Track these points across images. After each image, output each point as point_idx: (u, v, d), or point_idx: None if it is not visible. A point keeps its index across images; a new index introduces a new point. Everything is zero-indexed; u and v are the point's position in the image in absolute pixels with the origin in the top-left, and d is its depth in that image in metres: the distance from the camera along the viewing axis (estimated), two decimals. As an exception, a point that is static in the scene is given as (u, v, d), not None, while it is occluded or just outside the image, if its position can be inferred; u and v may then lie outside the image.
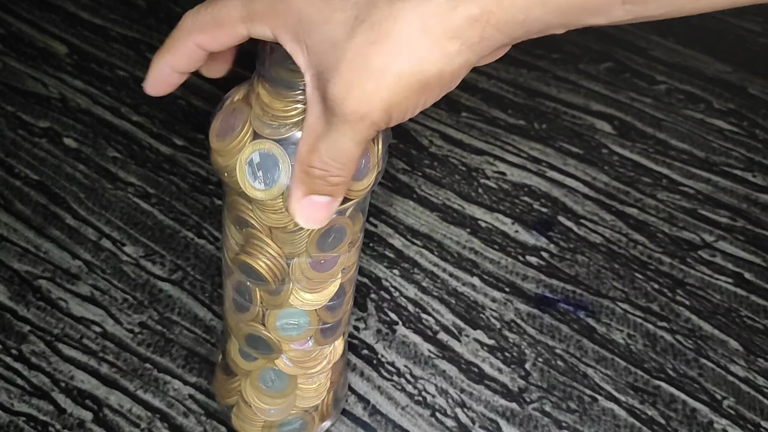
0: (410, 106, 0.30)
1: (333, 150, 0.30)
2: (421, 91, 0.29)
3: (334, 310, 0.39)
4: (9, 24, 0.70)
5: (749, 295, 0.52)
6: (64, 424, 0.47)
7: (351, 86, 0.28)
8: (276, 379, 0.41)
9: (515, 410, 0.48)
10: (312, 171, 0.31)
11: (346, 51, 0.28)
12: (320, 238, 0.35)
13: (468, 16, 0.28)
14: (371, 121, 0.29)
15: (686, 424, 0.47)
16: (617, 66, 0.65)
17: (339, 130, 0.30)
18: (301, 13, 0.29)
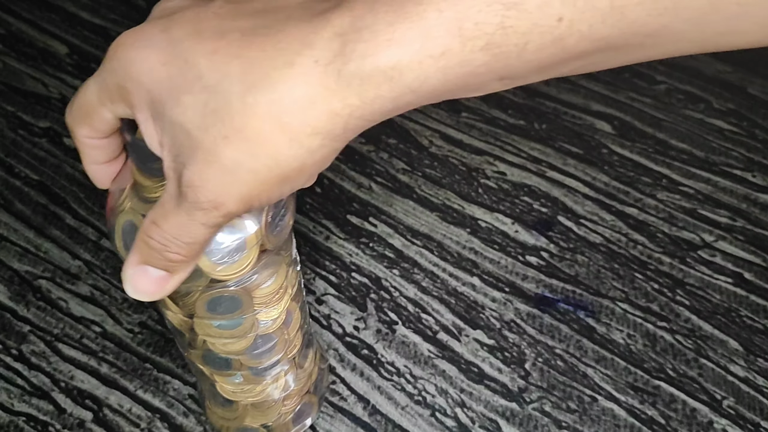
0: (272, 195, 0.28)
1: (177, 229, 0.29)
2: (282, 183, 0.28)
3: (259, 357, 0.39)
4: (9, 24, 0.70)
5: (749, 295, 0.52)
6: (64, 424, 0.47)
7: (206, 177, 0.27)
8: (223, 399, 0.42)
9: (515, 410, 0.48)
10: (150, 242, 0.30)
11: (199, 141, 0.27)
12: (208, 305, 0.35)
13: (329, 111, 0.26)
14: (227, 211, 0.28)
15: (686, 424, 0.47)
16: (617, 66, 0.65)
17: (190, 213, 0.28)
18: (151, 93, 0.28)
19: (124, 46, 0.28)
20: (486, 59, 0.25)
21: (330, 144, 0.27)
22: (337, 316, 0.52)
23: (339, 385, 0.49)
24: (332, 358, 0.50)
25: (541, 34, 0.25)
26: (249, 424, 0.44)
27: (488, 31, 0.25)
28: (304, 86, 0.26)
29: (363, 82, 0.26)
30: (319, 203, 0.58)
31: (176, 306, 0.36)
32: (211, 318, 0.35)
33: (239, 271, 0.33)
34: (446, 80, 0.26)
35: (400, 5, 0.25)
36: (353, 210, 0.58)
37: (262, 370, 0.40)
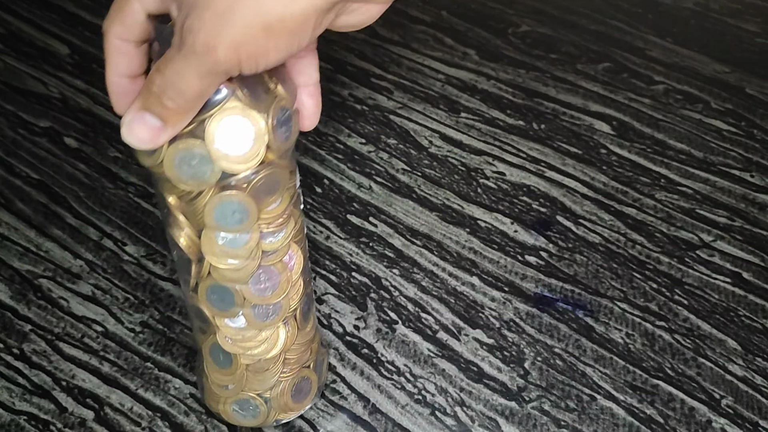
0: (259, 49, 0.31)
1: (175, 76, 0.32)
2: (266, 34, 0.30)
3: (263, 293, 0.40)
4: (9, 24, 0.70)
5: (747, 295, 0.52)
6: (65, 423, 0.48)
7: (201, 21, 0.30)
8: (222, 356, 0.42)
9: (514, 409, 0.48)
10: (152, 87, 0.32)
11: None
12: (216, 211, 0.36)
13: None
14: (217, 57, 0.30)
15: (684, 423, 0.47)
16: (615, 66, 0.65)
17: (186, 59, 0.31)
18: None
19: None
20: None
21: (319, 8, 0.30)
22: (338, 315, 0.52)
23: (339, 384, 0.49)
24: (332, 357, 0.50)
25: None
26: (247, 393, 0.44)
27: None
28: None
29: None
30: (319, 203, 0.58)
31: (187, 221, 0.37)
32: (218, 228, 0.36)
33: (246, 163, 0.35)
34: None
35: None
36: (353, 210, 0.58)
37: (263, 314, 0.40)
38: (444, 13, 0.71)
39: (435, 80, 0.65)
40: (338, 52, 0.68)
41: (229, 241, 0.37)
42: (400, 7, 0.71)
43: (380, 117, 0.63)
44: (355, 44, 0.68)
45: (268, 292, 0.39)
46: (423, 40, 0.69)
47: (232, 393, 0.44)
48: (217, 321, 0.40)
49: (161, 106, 0.33)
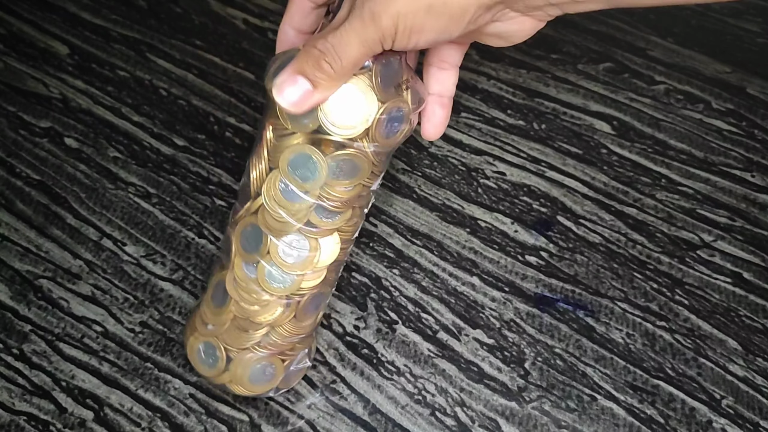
0: (416, 25, 0.33)
1: (336, 38, 0.34)
2: (427, 12, 0.32)
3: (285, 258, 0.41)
4: (10, 24, 0.70)
5: (748, 295, 0.52)
6: (65, 423, 0.48)
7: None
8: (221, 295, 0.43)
9: (515, 409, 0.48)
10: (311, 50, 0.35)
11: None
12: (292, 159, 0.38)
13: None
14: (379, 25, 0.33)
15: (685, 423, 0.47)
16: (616, 66, 0.65)
17: (352, 24, 0.33)
18: None
19: None
20: None
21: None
22: (338, 315, 0.52)
23: (339, 384, 0.49)
24: (332, 357, 0.50)
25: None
26: (218, 341, 0.44)
27: None
28: None
29: None
30: None
31: (267, 157, 0.39)
32: (285, 174, 0.38)
33: (341, 131, 0.37)
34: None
35: None
36: (353, 210, 0.58)
37: (274, 278, 0.41)
38: (444, 13, 0.71)
39: (435, 80, 0.65)
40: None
41: (286, 192, 0.38)
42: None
43: (380, 117, 0.63)
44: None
45: (290, 259, 0.40)
46: (423, 40, 0.69)
47: (207, 333, 0.44)
48: (235, 259, 0.41)
49: (318, 69, 0.35)
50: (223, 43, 0.67)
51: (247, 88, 0.64)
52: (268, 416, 0.48)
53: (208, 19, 0.69)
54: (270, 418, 0.48)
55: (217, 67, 0.66)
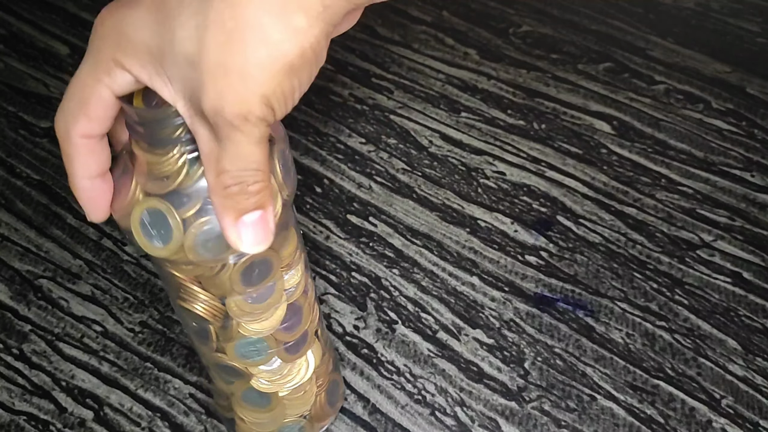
0: (286, 91, 0.29)
1: (237, 160, 0.29)
2: (290, 73, 0.28)
3: (291, 330, 0.39)
4: (10, 24, 0.70)
5: (748, 295, 0.52)
6: (64, 423, 0.48)
7: (222, 93, 0.27)
8: (258, 396, 0.42)
9: (514, 409, 0.48)
10: (228, 191, 0.30)
11: (202, 62, 0.27)
12: (242, 276, 0.35)
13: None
14: (255, 117, 0.28)
15: (685, 423, 0.47)
16: (616, 66, 0.65)
17: (232, 139, 0.28)
18: (149, 45, 0.28)
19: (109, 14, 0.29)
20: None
21: (317, 23, 0.28)
22: (337, 315, 0.52)
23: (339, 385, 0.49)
24: (332, 358, 0.50)
25: None
26: (289, 417, 0.43)
27: None
28: None
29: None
30: (319, 203, 0.58)
31: (209, 294, 0.36)
32: (245, 291, 0.35)
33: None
34: None
35: None
36: (353, 210, 0.58)
37: (294, 348, 0.40)
38: (445, 13, 0.71)
39: (435, 80, 0.65)
40: (339, 52, 0.68)
41: (257, 297, 0.36)
42: (400, 7, 0.71)
43: (380, 117, 0.63)
44: (355, 44, 0.68)
45: (295, 327, 0.39)
46: (424, 40, 0.69)
47: (272, 424, 0.44)
48: (251, 370, 0.40)
49: (252, 196, 0.30)
50: (223, 43, 0.67)
51: (247, 88, 0.64)
52: (268, 416, 0.48)
53: (208, 19, 0.69)
54: (270, 417, 0.48)
55: (217, 67, 0.66)
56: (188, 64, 0.27)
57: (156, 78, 0.29)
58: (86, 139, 0.30)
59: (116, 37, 0.28)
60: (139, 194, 0.32)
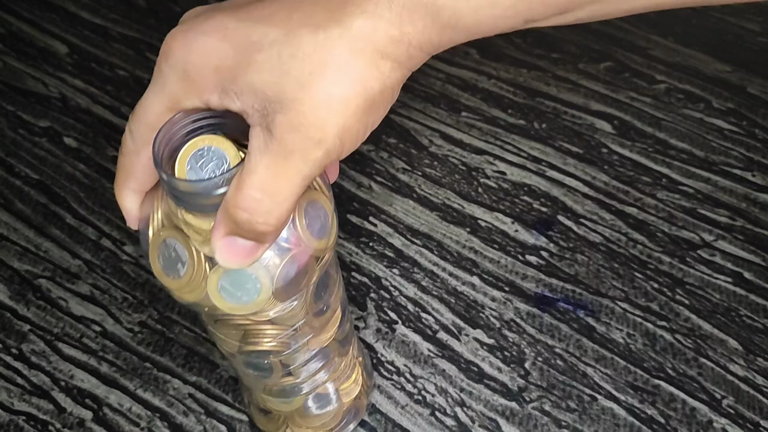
0: (360, 129, 0.30)
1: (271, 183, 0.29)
2: (369, 111, 0.29)
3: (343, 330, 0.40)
4: (9, 23, 0.70)
5: (748, 295, 0.52)
6: (64, 423, 0.47)
7: (303, 115, 0.28)
8: (321, 401, 0.43)
9: (515, 409, 0.48)
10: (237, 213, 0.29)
11: (286, 85, 0.28)
12: (314, 296, 0.35)
13: (390, 37, 0.29)
14: (326, 148, 0.28)
15: (686, 423, 0.47)
16: (617, 65, 0.65)
17: (287, 158, 0.28)
18: (219, 69, 0.29)
19: (176, 42, 0.30)
20: (512, 2, 0.28)
21: (399, 69, 0.30)
22: (337, 315, 0.52)
23: (339, 385, 0.49)
24: (332, 358, 0.50)
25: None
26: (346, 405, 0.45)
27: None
28: (364, 17, 0.28)
29: (411, 13, 0.28)
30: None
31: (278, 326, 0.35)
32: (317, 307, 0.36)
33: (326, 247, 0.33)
34: (478, 20, 0.29)
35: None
36: (353, 209, 0.58)
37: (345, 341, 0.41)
38: (444, 12, 0.71)
39: (435, 79, 0.65)
40: (338, 51, 0.68)
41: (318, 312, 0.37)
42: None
43: (380, 116, 0.63)
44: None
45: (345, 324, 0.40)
46: (423, 39, 0.69)
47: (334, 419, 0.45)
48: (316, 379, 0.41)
49: (250, 229, 0.29)
50: (222, 43, 0.67)
51: (246, 87, 0.64)
52: (268, 416, 0.48)
53: (207, 18, 0.69)
54: (269, 418, 0.48)
55: (217, 66, 0.65)
56: (267, 85, 0.29)
57: (224, 96, 0.30)
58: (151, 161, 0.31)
59: (185, 63, 0.30)
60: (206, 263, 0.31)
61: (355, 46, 0.28)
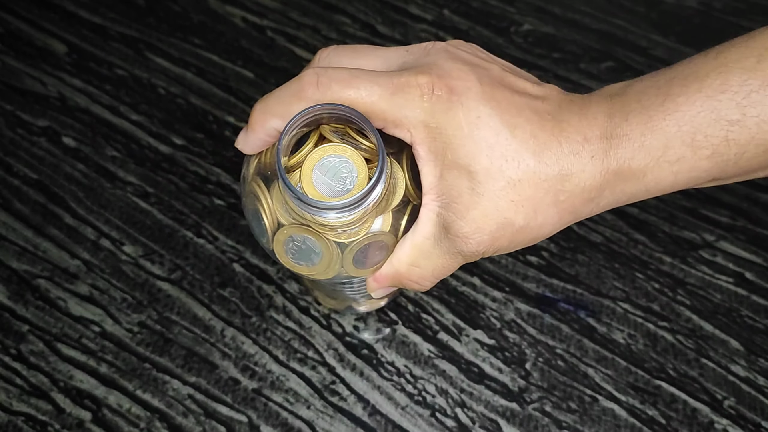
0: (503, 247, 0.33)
1: (438, 269, 0.34)
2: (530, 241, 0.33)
3: None
4: (8, 23, 0.70)
5: (750, 295, 0.52)
6: (63, 424, 0.47)
7: (480, 230, 0.32)
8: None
9: (515, 410, 0.47)
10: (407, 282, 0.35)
11: (483, 195, 0.31)
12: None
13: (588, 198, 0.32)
14: (482, 255, 0.33)
15: (687, 424, 0.47)
16: (618, 65, 0.65)
17: (453, 257, 0.33)
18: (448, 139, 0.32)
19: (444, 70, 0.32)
20: (709, 166, 0.31)
21: (572, 222, 0.33)
22: (337, 315, 0.52)
23: (339, 385, 0.49)
24: (332, 358, 0.50)
25: (756, 145, 0.30)
26: None
27: (715, 143, 0.30)
28: (584, 176, 0.31)
29: (617, 178, 0.31)
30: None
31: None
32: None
33: None
34: (675, 181, 0.32)
35: (648, 118, 0.31)
36: (353, 209, 0.57)
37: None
38: (445, 11, 0.70)
39: (435, 79, 0.65)
40: (338, 50, 0.67)
41: None
42: (400, 6, 0.70)
43: (380, 116, 0.63)
44: (355, 43, 0.68)
45: None
46: (424, 38, 0.68)
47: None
48: None
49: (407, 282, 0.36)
50: (221, 41, 0.67)
51: (245, 86, 0.64)
52: (267, 417, 0.48)
53: (206, 17, 0.69)
54: (269, 419, 0.48)
55: (216, 65, 0.65)
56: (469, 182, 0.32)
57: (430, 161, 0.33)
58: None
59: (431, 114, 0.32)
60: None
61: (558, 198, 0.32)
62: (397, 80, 0.32)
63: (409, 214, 0.35)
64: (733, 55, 0.31)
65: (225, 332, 0.51)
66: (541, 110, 0.32)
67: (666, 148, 0.31)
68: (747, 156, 0.30)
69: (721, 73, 0.30)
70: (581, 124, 0.32)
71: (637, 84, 0.33)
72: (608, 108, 0.32)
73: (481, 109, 0.32)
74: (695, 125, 0.30)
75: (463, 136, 0.31)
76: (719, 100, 0.30)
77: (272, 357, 0.50)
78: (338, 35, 0.68)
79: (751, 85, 0.30)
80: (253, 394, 0.48)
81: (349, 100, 0.32)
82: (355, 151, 0.32)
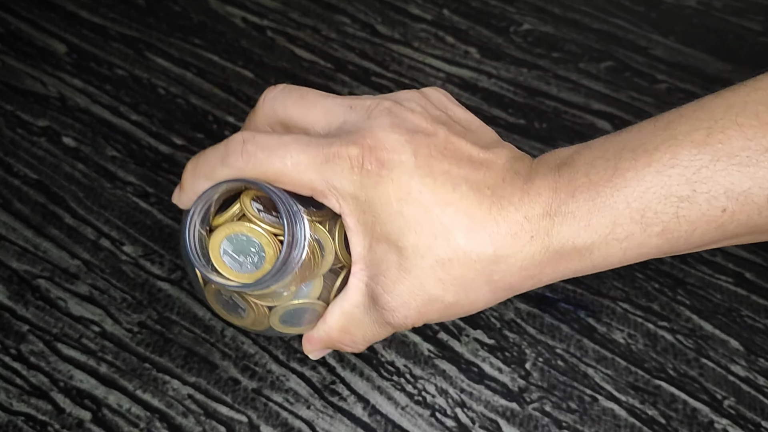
0: (432, 318, 0.34)
1: (369, 336, 0.35)
2: (460, 314, 0.33)
3: None
4: (8, 23, 0.70)
5: (750, 295, 0.52)
6: (62, 424, 0.47)
7: (406, 305, 0.32)
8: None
9: (515, 410, 0.47)
10: (339, 345, 0.36)
11: (410, 271, 0.31)
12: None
13: (528, 276, 0.31)
14: (411, 325, 0.33)
15: (687, 424, 0.47)
16: (618, 65, 0.65)
17: (382, 326, 0.34)
18: (377, 215, 0.31)
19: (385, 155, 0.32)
20: (659, 242, 0.30)
21: (511, 295, 0.33)
22: (337, 315, 0.52)
23: (338, 385, 0.49)
24: (331, 358, 0.50)
25: (707, 222, 0.29)
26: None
27: (665, 219, 0.29)
28: (521, 256, 0.30)
29: (561, 257, 0.31)
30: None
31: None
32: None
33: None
34: (624, 257, 0.31)
35: (596, 194, 0.30)
36: (353, 209, 0.57)
37: None
38: (445, 11, 0.70)
39: (436, 78, 0.65)
40: (338, 50, 0.67)
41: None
42: (400, 5, 0.70)
43: (380, 116, 0.63)
44: (355, 43, 0.68)
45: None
46: (424, 38, 0.68)
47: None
48: None
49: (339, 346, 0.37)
50: (221, 42, 0.67)
51: (246, 86, 0.64)
52: (267, 417, 0.48)
53: (206, 18, 0.69)
54: (269, 419, 0.48)
55: (216, 65, 0.65)
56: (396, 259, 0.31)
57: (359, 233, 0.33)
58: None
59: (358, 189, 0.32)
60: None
61: (492, 278, 0.31)
62: (327, 150, 0.31)
63: (342, 279, 0.35)
64: (683, 127, 0.31)
65: (225, 332, 0.51)
66: (480, 185, 0.31)
67: (614, 225, 0.30)
68: (698, 233, 0.30)
69: (670, 147, 0.29)
70: (522, 202, 0.31)
71: (586, 153, 0.32)
72: (554, 182, 0.31)
73: (413, 185, 0.30)
74: (645, 202, 0.29)
75: (392, 212, 0.30)
76: (669, 175, 0.29)
77: (272, 357, 0.50)
78: (338, 35, 0.68)
79: (701, 160, 0.29)
80: (253, 394, 0.48)
81: (275, 169, 0.31)
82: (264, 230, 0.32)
